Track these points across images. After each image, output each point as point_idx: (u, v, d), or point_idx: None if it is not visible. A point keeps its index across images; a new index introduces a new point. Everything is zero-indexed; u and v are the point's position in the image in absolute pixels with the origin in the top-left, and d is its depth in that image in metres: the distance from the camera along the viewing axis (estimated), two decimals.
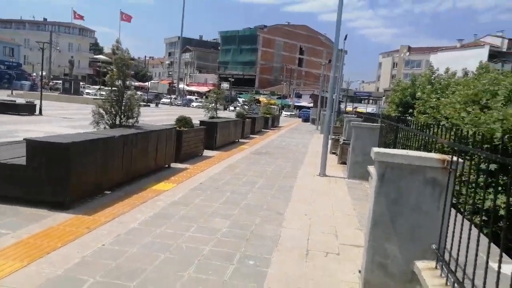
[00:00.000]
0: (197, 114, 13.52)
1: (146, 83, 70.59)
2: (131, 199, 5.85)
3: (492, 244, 2.51)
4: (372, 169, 8.41)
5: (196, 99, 64.07)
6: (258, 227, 5.11)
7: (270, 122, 25.09)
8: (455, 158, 3.18)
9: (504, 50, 72.36)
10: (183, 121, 9.95)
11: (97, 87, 52.30)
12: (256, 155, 11.95)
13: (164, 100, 57.30)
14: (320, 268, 4.01)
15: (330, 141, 10.42)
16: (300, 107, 62.24)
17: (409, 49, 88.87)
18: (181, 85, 74.86)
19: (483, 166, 3.27)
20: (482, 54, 61.56)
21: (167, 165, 8.52)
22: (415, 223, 3.46)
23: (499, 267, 2.25)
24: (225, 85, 69.38)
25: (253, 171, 9.08)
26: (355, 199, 7.17)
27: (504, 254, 2.54)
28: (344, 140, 12.25)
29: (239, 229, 4.96)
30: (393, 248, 3.53)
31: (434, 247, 3.36)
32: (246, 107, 24.72)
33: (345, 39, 29.14)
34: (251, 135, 18.09)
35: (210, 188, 7.02)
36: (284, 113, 50.95)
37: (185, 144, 9.55)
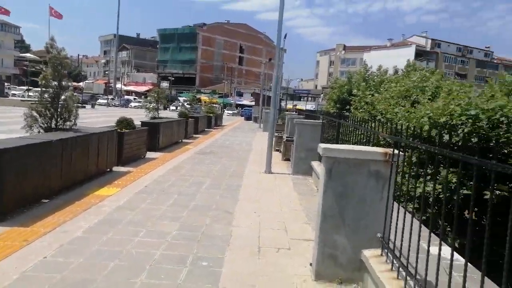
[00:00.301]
0: (137, 115, 13.08)
1: (80, 83, 66.93)
2: (73, 206, 5.54)
3: (432, 230, 2.71)
4: (315, 164, 8.74)
5: (134, 99, 62.01)
6: (209, 228, 5.08)
7: (213, 121, 24.97)
8: (396, 151, 3.39)
9: (428, 49, 78.09)
10: (124, 123, 9.60)
11: (25, 87, 48.72)
12: (201, 155, 11.84)
13: (100, 101, 54.79)
14: (273, 264, 4.08)
15: (273, 139, 10.59)
16: (242, 106, 62.60)
17: (345, 47, 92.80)
18: (118, 85, 72.06)
19: (414, 158, 3.53)
20: (409, 53, 66.00)
21: (109, 169, 8.17)
22: (361, 214, 3.64)
23: (435, 251, 2.45)
24: (164, 84, 67.77)
25: (199, 172, 8.99)
26: (301, 194, 7.37)
27: (433, 235, 2.76)
28: (287, 137, 12.52)
29: (189, 231, 4.90)
30: (342, 239, 3.68)
31: (379, 236, 3.56)
32: (188, 106, 24.40)
33: (284, 37, 29.77)
34: (194, 135, 17.88)
35: (156, 191, 6.85)
36: (226, 112, 50.94)
37: (127, 147, 9.22)
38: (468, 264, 2.19)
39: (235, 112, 56.85)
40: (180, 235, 4.74)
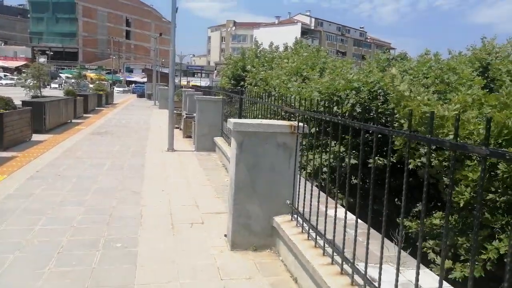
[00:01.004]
0: (13, 94, 11.55)
1: None
2: None
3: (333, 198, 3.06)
4: (219, 140, 8.89)
5: (5, 75, 54.50)
6: (117, 209, 4.92)
7: (104, 99, 23.37)
8: (301, 124, 3.70)
9: (313, 27, 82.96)
10: (2, 102, 8.51)
11: None
12: (97, 136, 11.11)
13: None
14: (188, 238, 4.17)
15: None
16: (133, 82, 59.48)
17: (235, 24, 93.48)
18: None
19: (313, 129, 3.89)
20: (296, 31, 69.44)
21: None
22: (271, 183, 3.91)
23: (340, 213, 2.80)
24: (42, 59, 60.73)
25: (97, 153, 8.48)
26: (207, 170, 7.48)
27: (338, 205, 3.14)
28: (187, 114, 12.41)
29: (96, 214, 4.69)
30: (255, 208, 3.92)
31: (288, 202, 3.88)
32: (73, 83, 22.44)
33: (176, 11, 28.81)
34: (85, 115, 16.59)
35: (50, 176, 6.32)
36: (116, 89, 47.86)
37: (9, 129, 8.23)
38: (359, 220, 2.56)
39: (126, 89, 53.83)
40: (87, 219, 4.52)
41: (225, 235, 4.17)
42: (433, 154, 4.78)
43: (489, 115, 4.52)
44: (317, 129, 3.83)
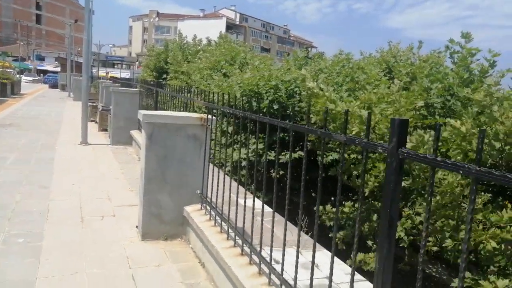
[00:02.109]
0: None
1: None
2: None
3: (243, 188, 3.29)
4: (135, 133, 8.76)
5: None
6: (21, 204, 4.69)
7: (10, 89, 21.40)
8: (210, 116, 3.88)
9: (237, 23, 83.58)
10: None
11: None
12: None
13: None
14: (99, 230, 4.14)
15: (88, 108, 9.98)
16: (44, 72, 55.06)
17: (158, 14, 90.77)
18: None
19: (229, 125, 4.09)
20: (221, 25, 69.38)
21: None
22: (182, 174, 4.04)
23: (247, 203, 3.04)
24: None
25: None
26: (122, 163, 7.35)
27: (250, 194, 3.38)
28: (103, 106, 11.94)
29: None
30: (165, 198, 4.03)
31: (198, 192, 4.05)
32: None
33: None
34: None
35: None
36: (24, 78, 43.93)
37: None
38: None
39: (36, 78, 49.67)
40: None
41: (137, 226, 4.21)
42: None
43: (382, 112, 5.06)
44: (235, 124, 4.03)
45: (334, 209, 5.15)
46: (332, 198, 6.14)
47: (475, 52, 5.76)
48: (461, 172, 1.28)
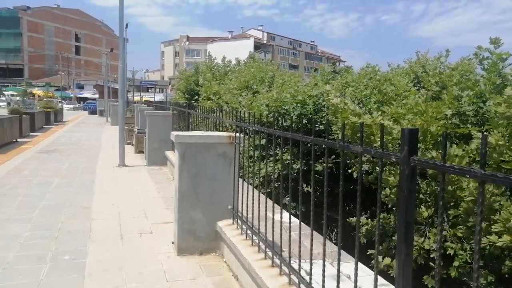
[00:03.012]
0: None
1: None
2: None
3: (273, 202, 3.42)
4: (169, 153, 9.08)
5: None
6: (65, 224, 5.00)
7: (53, 117, 22.70)
8: (238, 134, 4.05)
9: (265, 42, 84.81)
10: None
11: None
12: (44, 154, 10.89)
13: None
14: (137, 247, 4.35)
15: (124, 132, 10.47)
16: (84, 99, 57.83)
17: (188, 38, 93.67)
18: None
19: (257, 141, 4.24)
20: (249, 45, 70.74)
21: None
22: (213, 190, 4.21)
23: (276, 217, 3.15)
24: None
25: (45, 171, 8.37)
26: (158, 183, 7.64)
27: (278, 207, 3.49)
28: (138, 129, 12.45)
29: (44, 230, 4.75)
30: (198, 215, 4.20)
31: (229, 208, 4.20)
32: (18, 100, 21.67)
33: (126, 27, 28.68)
34: (31, 133, 16.10)
35: None
36: (66, 106, 46.37)
37: None
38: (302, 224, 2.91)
39: (77, 106, 52.28)
40: (34, 235, 4.58)
41: (172, 242, 4.39)
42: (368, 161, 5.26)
43: (408, 123, 5.07)
44: (262, 140, 4.19)
45: (365, 220, 5.15)
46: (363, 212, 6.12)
47: (506, 56, 5.67)
48: (467, 176, 1.36)
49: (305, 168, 6.55)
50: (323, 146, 2.38)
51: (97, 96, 49.49)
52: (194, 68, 24.85)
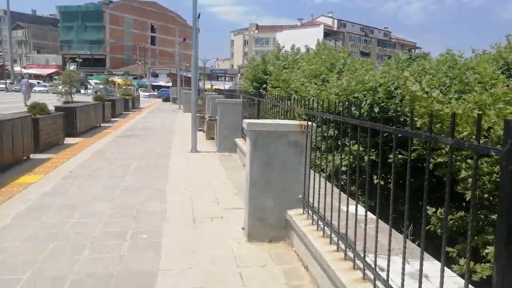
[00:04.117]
0: (46, 100, 12.21)
1: None
2: None
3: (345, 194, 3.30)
4: (239, 141, 9.21)
5: (38, 83, 56.74)
6: (143, 205, 5.30)
7: (131, 104, 24.21)
8: (309, 123, 3.96)
9: (335, 29, 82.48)
10: (38, 108, 9.13)
11: None
12: (123, 138, 11.67)
13: None
14: (208, 231, 4.49)
15: (196, 119, 10.83)
16: (158, 87, 60.89)
17: (257, 27, 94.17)
18: (17, 68, 65.27)
19: (330, 131, 4.12)
20: (318, 32, 69.23)
21: (25, 157, 7.81)
22: (284, 179, 4.18)
23: (347, 208, 3.04)
24: (72, 66, 62.99)
25: (124, 154, 8.96)
26: (228, 169, 7.82)
27: (352, 200, 3.38)
28: (209, 116, 12.81)
29: (124, 209, 5.08)
30: (269, 202, 4.20)
31: (300, 197, 4.15)
32: (101, 88, 23.32)
33: (198, 17, 29.51)
34: (112, 119, 17.32)
35: (82, 175, 6.79)
36: (142, 93, 49.19)
37: (44, 133, 8.82)
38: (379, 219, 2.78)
39: (152, 93, 55.19)
40: (116, 214, 4.91)
41: (243, 228, 4.46)
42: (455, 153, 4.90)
43: (496, 113, 4.62)
44: (336, 131, 4.08)
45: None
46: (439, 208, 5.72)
47: None
48: None
49: (376, 160, 6.27)
50: (405, 137, 2.22)
51: (170, 84, 51.86)
52: (261, 57, 24.94)
